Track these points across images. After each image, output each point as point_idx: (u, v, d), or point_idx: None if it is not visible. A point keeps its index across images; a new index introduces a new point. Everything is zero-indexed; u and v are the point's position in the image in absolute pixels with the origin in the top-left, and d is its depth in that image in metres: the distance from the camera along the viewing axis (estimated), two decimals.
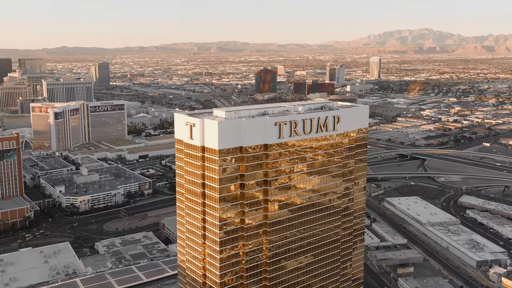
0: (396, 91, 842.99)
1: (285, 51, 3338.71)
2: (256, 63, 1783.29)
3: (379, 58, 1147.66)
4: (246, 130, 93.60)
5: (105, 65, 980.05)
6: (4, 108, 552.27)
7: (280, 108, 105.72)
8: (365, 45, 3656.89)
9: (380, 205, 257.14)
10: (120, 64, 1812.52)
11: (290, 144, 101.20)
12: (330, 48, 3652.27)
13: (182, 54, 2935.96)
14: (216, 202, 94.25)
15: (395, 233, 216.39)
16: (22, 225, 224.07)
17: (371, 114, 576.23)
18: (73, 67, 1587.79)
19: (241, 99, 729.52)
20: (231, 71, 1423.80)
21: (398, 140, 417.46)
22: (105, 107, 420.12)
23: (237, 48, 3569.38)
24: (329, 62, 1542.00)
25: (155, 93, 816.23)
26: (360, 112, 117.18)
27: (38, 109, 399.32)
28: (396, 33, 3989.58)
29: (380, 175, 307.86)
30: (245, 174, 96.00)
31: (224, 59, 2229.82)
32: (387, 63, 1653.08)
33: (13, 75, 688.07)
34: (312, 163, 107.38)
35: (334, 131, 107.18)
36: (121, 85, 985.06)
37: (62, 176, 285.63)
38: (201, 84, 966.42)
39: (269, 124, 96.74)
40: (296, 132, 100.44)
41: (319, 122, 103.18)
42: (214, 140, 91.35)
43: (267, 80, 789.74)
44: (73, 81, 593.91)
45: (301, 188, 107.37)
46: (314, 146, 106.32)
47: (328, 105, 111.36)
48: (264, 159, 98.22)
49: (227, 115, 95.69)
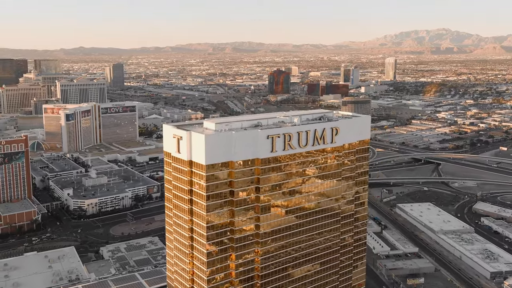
0: (411, 93, 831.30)
1: (300, 51, 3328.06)
2: (270, 63, 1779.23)
3: (395, 59, 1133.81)
4: (235, 143, 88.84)
5: (120, 66, 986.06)
6: (19, 108, 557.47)
7: (275, 119, 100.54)
8: (381, 45, 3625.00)
9: (392, 211, 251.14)
10: (135, 65, 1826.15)
11: (283, 158, 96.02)
12: (345, 49, 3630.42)
13: (197, 54, 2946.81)
14: (203, 220, 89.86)
15: (406, 241, 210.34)
16: (29, 228, 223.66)
17: (385, 116, 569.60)
18: (89, 68, 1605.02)
19: (254, 100, 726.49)
20: (245, 71, 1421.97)
21: (412, 144, 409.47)
22: (117, 108, 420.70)
23: (252, 48, 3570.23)
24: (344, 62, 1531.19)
25: (168, 94, 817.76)
26: (361, 123, 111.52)
27: (50, 110, 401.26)
28: (413, 33, 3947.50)
29: (393, 180, 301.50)
30: (234, 190, 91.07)
31: (238, 59, 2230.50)
32: (403, 64, 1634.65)
33: (29, 76, 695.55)
34: (307, 179, 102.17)
35: (332, 144, 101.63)
36: (135, 85, 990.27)
37: (71, 179, 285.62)
38: (215, 85, 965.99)
39: (260, 137, 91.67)
40: (291, 146, 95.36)
41: (315, 135, 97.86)
42: (201, 155, 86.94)
43: (280, 81, 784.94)
44: (87, 82, 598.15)
45: (296, 205, 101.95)
46: (309, 160, 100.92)
47: (327, 115, 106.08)
48: (255, 174, 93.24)
49: (217, 127, 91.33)
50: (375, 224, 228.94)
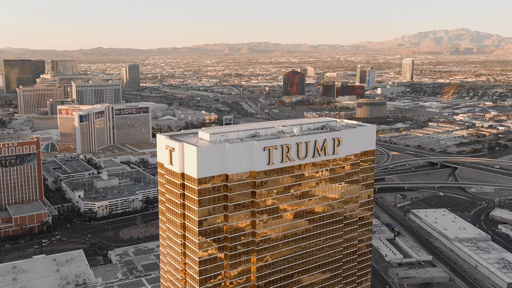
0: (429, 94, 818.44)
1: (316, 52, 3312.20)
2: (286, 64, 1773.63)
3: (412, 60, 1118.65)
4: (230, 156, 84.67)
5: (136, 67, 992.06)
6: (35, 109, 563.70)
7: (274, 129, 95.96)
8: (399, 45, 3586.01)
9: (406, 217, 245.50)
10: (152, 65, 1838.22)
11: (281, 171, 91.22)
12: (362, 49, 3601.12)
13: (213, 55, 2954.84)
14: (196, 236, 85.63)
15: (419, 249, 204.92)
16: (40, 230, 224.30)
17: (401, 118, 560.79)
18: (106, 68, 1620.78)
19: (269, 101, 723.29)
20: (260, 72, 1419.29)
21: (428, 147, 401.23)
22: (130, 109, 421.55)
23: (268, 49, 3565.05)
24: (360, 63, 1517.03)
25: (183, 94, 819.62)
26: (366, 132, 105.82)
27: (64, 111, 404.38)
28: (431, 33, 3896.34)
29: (407, 185, 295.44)
30: (229, 205, 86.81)
31: (254, 60, 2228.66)
32: (421, 65, 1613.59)
33: (46, 77, 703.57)
34: (306, 192, 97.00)
35: (334, 155, 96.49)
36: (151, 86, 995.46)
37: (83, 180, 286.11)
38: (230, 86, 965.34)
39: (256, 149, 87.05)
40: (289, 158, 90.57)
41: (316, 146, 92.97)
42: (193, 167, 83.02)
43: (295, 83, 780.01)
44: (102, 83, 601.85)
45: (294, 220, 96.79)
46: (309, 173, 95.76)
47: (330, 124, 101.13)
48: (251, 188, 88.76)
49: (212, 138, 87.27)
50: (388, 230, 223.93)
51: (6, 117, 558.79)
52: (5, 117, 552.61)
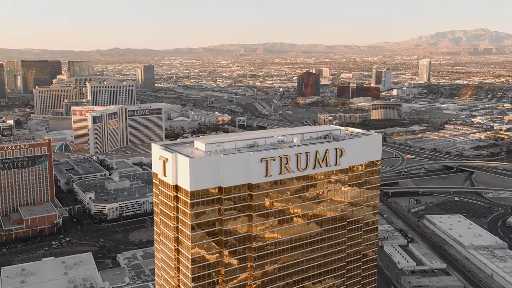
0: (446, 96, 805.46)
1: (332, 52, 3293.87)
2: (301, 64, 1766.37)
3: (429, 61, 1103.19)
4: (225, 167, 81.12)
5: (151, 67, 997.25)
6: (51, 110, 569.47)
7: (274, 139, 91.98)
8: (416, 46, 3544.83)
9: (420, 223, 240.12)
10: (167, 66, 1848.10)
11: (279, 183, 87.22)
12: (379, 50, 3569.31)
13: (229, 55, 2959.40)
14: (188, 251, 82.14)
15: (433, 256, 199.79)
16: (50, 231, 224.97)
17: (417, 120, 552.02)
18: (123, 69, 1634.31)
19: (282, 102, 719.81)
20: (275, 73, 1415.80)
21: (444, 150, 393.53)
22: (143, 111, 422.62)
23: (283, 49, 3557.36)
24: (376, 64, 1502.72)
25: (197, 95, 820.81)
26: (371, 142, 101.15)
27: (78, 112, 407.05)
28: (449, 33, 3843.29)
29: (422, 189, 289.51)
30: (224, 219, 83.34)
31: (269, 60, 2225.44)
32: (438, 65, 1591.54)
33: (62, 77, 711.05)
34: (306, 205, 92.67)
35: (336, 166, 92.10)
36: (166, 87, 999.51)
37: (94, 182, 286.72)
38: (244, 87, 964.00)
39: (253, 161, 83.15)
40: (288, 169, 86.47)
41: (316, 156, 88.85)
42: (186, 180, 79.83)
43: (309, 84, 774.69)
44: (116, 84, 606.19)
45: (294, 234, 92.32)
46: (309, 185, 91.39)
47: (333, 133, 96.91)
48: (247, 201, 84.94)
49: (208, 148, 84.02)
50: (401, 237, 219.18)
51: (22, 117, 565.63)
52: (22, 117, 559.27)
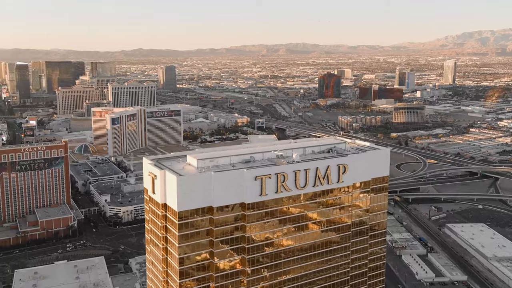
0: (471, 98, 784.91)
1: (355, 52, 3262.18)
2: (323, 65, 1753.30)
3: (454, 62, 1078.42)
4: (216, 186, 76.21)
5: (172, 68, 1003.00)
6: (72, 110, 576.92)
7: (271, 154, 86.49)
8: (442, 46, 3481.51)
9: (440, 231, 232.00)
10: (189, 66, 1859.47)
11: (275, 203, 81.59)
12: (403, 50, 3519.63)
13: (251, 56, 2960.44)
14: (176, 274, 77.46)
15: (454, 267, 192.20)
16: (65, 234, 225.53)
17: (440, 123, 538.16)
18: (145, 69, 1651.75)
19: (303, 104, 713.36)
20: (297, 73, 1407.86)
21: (468, 155, 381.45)
22: (162, 112, 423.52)
23: (306, 50, 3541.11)
24: (400, 65, 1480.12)
25: (218, 96, 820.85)
26: (378, 157, 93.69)
27: (98, 113, 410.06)
28: (476, 34, 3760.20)
29: (443, 196, 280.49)
30: (214, 241, 78.56)
31: (291, 61, 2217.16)
32: (464, 66, 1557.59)
33: (84, 78, 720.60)
34: (304, 226, 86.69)
35: (339, 184, 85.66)
36: (187, 87, 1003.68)
37: (111, 184, 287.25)
38: (265, 88, 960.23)
39: (247, 179, 77.81)
40: (285, 187, 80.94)
41: (317, 174, 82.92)
42: (174, 199, 75.41)
43: (330, 85, 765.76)
44: (137, 85, 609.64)
45: (290, 257, 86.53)
46: (308, 204, 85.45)
47: (337, 147, 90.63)
48: (240, 222, 79.82)
49: (200, 164, 79.53)
50: (420, 246, 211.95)
51: (45, 117, 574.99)
52: (45, 118, 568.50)
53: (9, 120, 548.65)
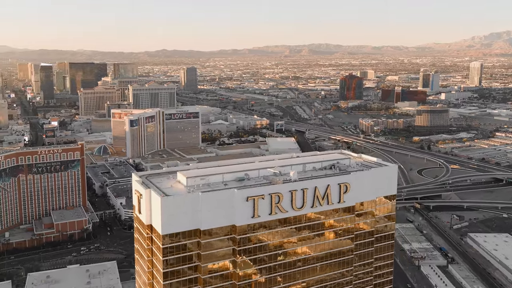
0: (498, 100, 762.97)
1: (379, 53, 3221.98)
2: (346, 66, 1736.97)
3: (481, 63, 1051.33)
4: (204, 207, 71.24)
5: (193, 69, 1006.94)
6: (94, 111, 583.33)
7: (267, 171, 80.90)
8: (468, 47, 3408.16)
9: (462, 241, 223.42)
10: (212, 67, 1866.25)
11: (269, 225, 75.82)
12: (428, 51, 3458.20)
13: (273, 57, 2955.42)
14: None
15: (475, 280, 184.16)
16: (80, 236, 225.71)
17: (465, 127, 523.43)
18: (168, 70, 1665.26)
19: (324, 106, 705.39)
20: (319, 75, 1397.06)
21: (493, 160, 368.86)
22: (180, 114, 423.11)
23: (329, 50, 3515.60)
24: (425, 66, 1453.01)
25: (238, 98, 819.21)
26: (384, 174, 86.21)
27: (117, 115, 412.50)
28: (505, 34, 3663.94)
29: (466, 203, 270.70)
30: (202, 266, 73.75)
31: (314, 62, 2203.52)
32: (491, 68, 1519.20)
33: (106, 79, 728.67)
34: (301, 251, 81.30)
35: (340, 204, 79.15)
36: (208, 89, 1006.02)
37: (127, 186, 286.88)
38: (286, 89, 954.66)
39: (237, 199, 72.51)
40: (280, 209, 75.01)
41: (315, 193, 76.62)
42: (158, 221, 70.91)
43: (352, 87, 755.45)
44: (157, 86, 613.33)
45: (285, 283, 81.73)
46: (306, 227, 79.65)
47: (341, 163, 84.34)
48: (231, 245, 74.66)
49: (190, 183, 74.84)
50: (440, 256, 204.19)
51: (67, 118, 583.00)
52: (67, 118, 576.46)
53: (32, 121, 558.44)
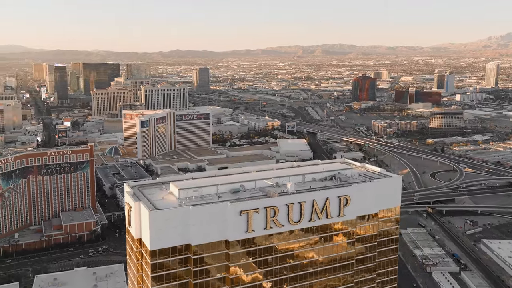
0: None
1: (393, 53, 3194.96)
2: (360, 67, 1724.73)
3: (497, 64, 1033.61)
4: (194, 221, 68.36)
5: (205, 70, 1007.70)
6: (107, 112, 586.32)
7: (264, 183, 77.62)
8: (485, 47, 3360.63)
9: (476, 248, 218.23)
10: (225, 68, 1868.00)
11: (264, 240, 72.43)
12: (443, 51, 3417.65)
13: (286, 57, 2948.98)
14: None
15: None
16: (89, 238, 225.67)
17: (480, 129, 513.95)
18: (181, 70, 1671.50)
19: (336, 107, 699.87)
20: (332, 75, 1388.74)
21: (509, 164, 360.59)
22: (191, 115, 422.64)
23: (343, 50, 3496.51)
24: (440, 66, 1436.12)
25: (251, 98, 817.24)
26: (387, 186, 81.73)
27: (129, 116, 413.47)
28: None
29: (480, 208, 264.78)
30: (193, 283, 71.05)
31: (327, 62, 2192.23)
32: (508, 68, 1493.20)
33: (119, 80, 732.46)
34: (297, 267, 78.04)
35: (340, 218, 75.37)
36: (220, 89, 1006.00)
37: None
38: (298, 90, 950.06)
39: (230, 213, 69.44)
40: (275, 223, 71.63)
41: (313, 207, 72.89)
42: (147, 236, 68.32)
43: (365, 88, 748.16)
44: (169, 87, 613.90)
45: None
46: (303, 242, 75.90)
47: (342, 174, 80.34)
48: (223, 261, 71.44)
49: (182, 194, 72.30)
50: (452, 263, 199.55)
51: (80, 118, 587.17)
52: (80, 119, 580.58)
53: (46, 121, 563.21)
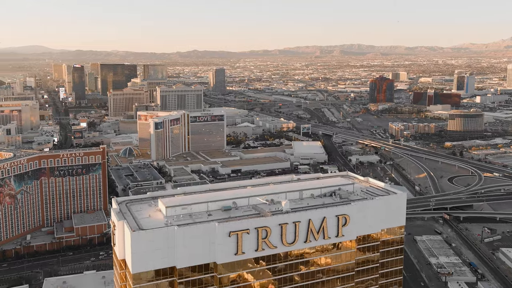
0: None
1: (413, 54, 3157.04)
2: (378, 67, 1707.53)
3: None
4: (179, 243, 64.46)
5: (221, 71, 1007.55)
6: (123, 112, 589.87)
7: (257, 200, 72.97)
8: (507, 48, 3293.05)
9: (494, 256, 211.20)
10: (241, 68, 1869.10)
11: (255, 263, 67.81)
12: (464, 51, 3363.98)
13: (304, 57, 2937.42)
14: None
15: None
16: (100, 241, 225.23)
17: (501, 132, 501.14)
18: (198, 71, 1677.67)
19: (353, 108, 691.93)
20: (349, 76, 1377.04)
21: None
22: (205, 117, 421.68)
23: (361, 51, 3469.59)
24: (461, 67, 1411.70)
25: (266, 99, 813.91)
26: (391, 203, 75.70)
27: (143, 117, 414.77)
28: None
29: (499, 215, 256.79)
30: None
31: (345, 63, 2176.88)
32: None
33: (136, 81, 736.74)
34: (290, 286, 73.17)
35: (338, 238, 70.15)
36: (236, 90, 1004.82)
37: (148, 190, 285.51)
38: (315, 91, 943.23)
39: (218, 234, 65.23)
40: (268, 244, 66.79)
41: (309, 227, 67.94)
42: (129, 258, 64.63)
43: (382, 89, 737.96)
44: (184, 88, 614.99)
45: None
46: (299, 265, 71.06)
47: (343, 190, 74.86)
48: (211, 285, 67.45)
49: (169, 212, 68.81)
50: (469, 272, 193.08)
51: (97, 119, 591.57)
52: (96, 119, 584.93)
53: (63, 121, 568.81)
